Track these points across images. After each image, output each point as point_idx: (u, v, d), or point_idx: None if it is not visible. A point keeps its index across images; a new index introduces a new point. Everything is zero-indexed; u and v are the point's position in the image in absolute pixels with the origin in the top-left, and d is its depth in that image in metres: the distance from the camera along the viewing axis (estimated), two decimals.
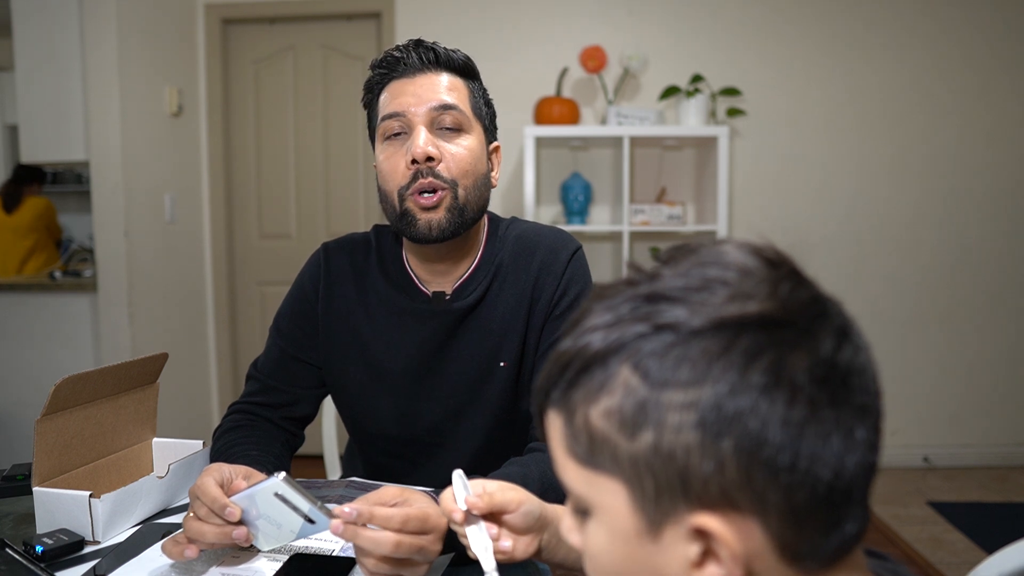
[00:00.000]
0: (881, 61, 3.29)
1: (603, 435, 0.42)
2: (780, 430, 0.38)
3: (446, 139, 1.03)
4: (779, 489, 0.39)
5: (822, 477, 0.39)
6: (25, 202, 4.20)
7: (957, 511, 2.86)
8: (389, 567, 0.74)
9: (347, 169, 3.51)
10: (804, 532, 0.40)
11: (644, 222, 3.13)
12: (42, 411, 0.91)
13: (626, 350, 0.41)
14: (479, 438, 1.12)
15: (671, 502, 0.40)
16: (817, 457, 0.39)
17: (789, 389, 0.38)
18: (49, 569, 0.82)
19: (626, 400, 0.41)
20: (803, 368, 0.39)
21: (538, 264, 1.10)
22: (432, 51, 1.05)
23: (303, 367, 1.15)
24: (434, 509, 0.77)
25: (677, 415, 0.39)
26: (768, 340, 0.39)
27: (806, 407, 0.39)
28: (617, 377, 0.41)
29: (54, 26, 2.86)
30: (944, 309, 3.37)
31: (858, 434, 0.40)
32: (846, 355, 0.41)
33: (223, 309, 3.54)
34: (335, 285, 1.14)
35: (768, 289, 0.41)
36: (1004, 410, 3.38)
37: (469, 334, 1.10)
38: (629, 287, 0.43)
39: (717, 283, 0.41)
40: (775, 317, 0.40)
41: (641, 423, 0.40)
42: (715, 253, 0.43)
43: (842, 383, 0.40)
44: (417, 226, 1.02)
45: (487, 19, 3.34)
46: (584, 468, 0.44)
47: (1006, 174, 3.32)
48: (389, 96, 1.05)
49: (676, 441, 0.39)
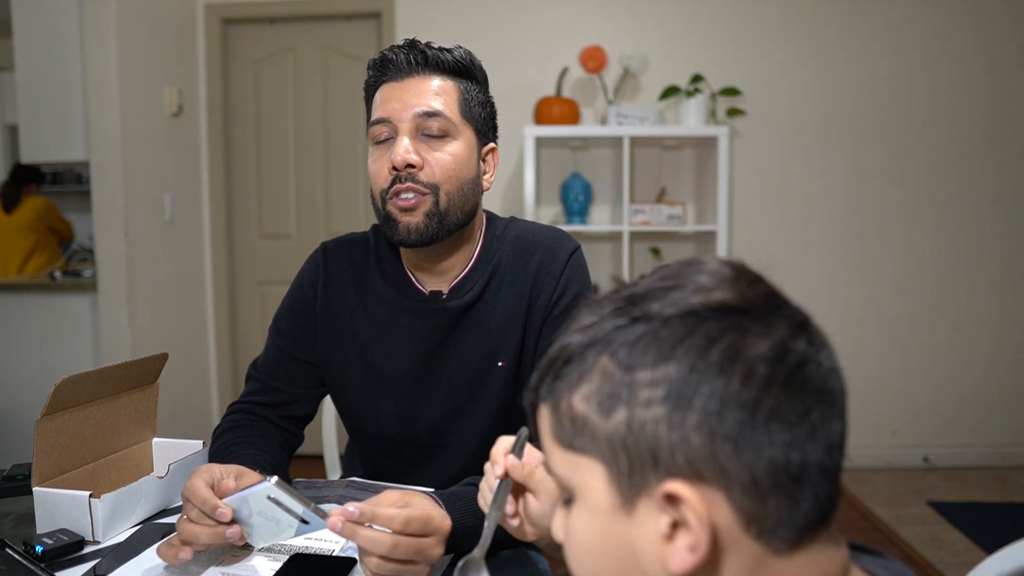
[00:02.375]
0: (881, 61, 3.29)
1: (583, 417, 0.46)
2: (737, 406, 0.41)
3: (431, 145, 1.03)
4: (738, 462, 0.41)
5: (778, 454, 0.42)
6: (24, 202, 4.21)
7: (957, 511, 2.86)
8: (391, 567, 0.74)
9: (347, 169, 3.51)
10: (767, 506, 0.42)
11: (644, 222, 3.13)
12: (42, 411, 0.91)
13: (604, 342, 0.45)
14: (477, 438, 1.12)
15: (642, 475, 0.43)
16: (773, 434, 0.42)
17: (744, 368, 0.42)
18: (49, 569, 0.82)
19: (603, 384, 0.45)
20: (759, 351, 0.42)
21: (536, 264, 1.10)
22: (422, 53, 1.04)
23: (302, 366, 1.15)
24: (437, 512, 0.77)
25: (646, 391, 0.43)
26: (728, 325, 0.43)
27: (761, 386, 0.42)
28: (596, 366, 0.45)
29: (54, 26, 2.86)
30: (944, 308, 3.37)
31: (813, 417, 0.43)
32: (800, 345, 0.44)
33: (223, 309, 3.54)
34: (334, 285, 1.14)
35: (730, 284, 0.45)
36: (1004, 410, 3.38)
37: (467, 333, 1.09)
38: (613, 293, 0.48)
39: (688, 283, 0.46)
40: (734, 305, 0.44)
41: (615, 403, 0.44)
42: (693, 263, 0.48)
43: (798, 367, 0.43)
44: (397, 229, 1.03)
45: (487, 19, 3.34)
46: (568, 452, 0.47)
47: (1006, 173, 3.32)
48: (380, 100, 1.06)
49: (646, 415, 0.43)
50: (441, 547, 0.77)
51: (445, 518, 0.78)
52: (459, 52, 1.07)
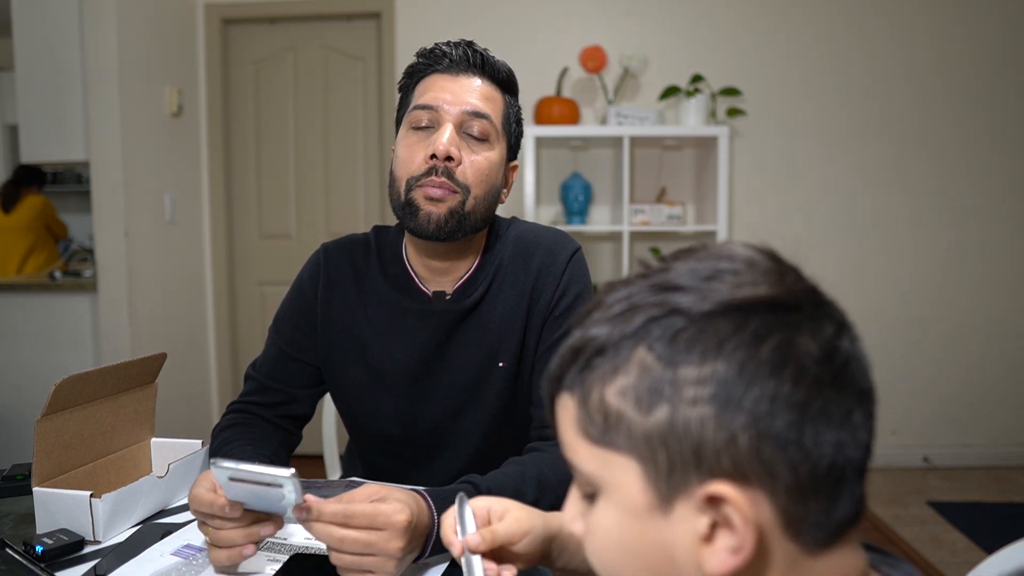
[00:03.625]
0: (881, 61, 3.29)
1: (618, 413, 0.43)
2: (787, 407, 0.40)
3: (470, 146, 1.03)
4: (785, 464, 0.40)
5: (824, 454, 0.41)
6: (23, 201, 4.21)
7: (957, 511, 2.86)
8: (348, 560, 0.75)
9: (347, 169, 3.51)
10: (808, 508, 0.42)
11: (644, 222, 3.13)
12: (42, 411, 0.91)
13: (640, 334, 0.43)
14: (477, 438, 1.12)
15: (683, 475, 0.42)
16: (820, 435, 0.41)
17: (796, 368, 0.41)
18: (49, 569, 0.82)
19: (642, 378, 0.42)
20: (809, 350, 0.41)
21: (537, 265, 1.10)
22: (480, 55, 1.05)
23: (300, 367, 1.15)
24: (389, 507, 0.75)
25: (692, 390, 0.41)
26: (776, 322, 0.41)
27: (811, 386, 0.41)
28: (632, 358, 0.43)
29: (54, 26, 2.86)
30: (944, 309, 3.37)
31: (855, 417, 0.42)
32: (845, 343, 0.43)
33: (223, 309, 3.54)
34: (334, 286, 1.14)
35: (775, 277, 0.43)
36: (1004, 410, 3.38)
37: (468, 334, 1.09)
38: (641, 279, 0.46)
39: (726, 272, 0.43)
40: (783, 301, 0.42)
41: (656, 399, 0.42)
42: (722, 248, 0.46)
43: (843, 367, 0.42)
44: (418, 217, 1.02)
45: (487, 19, 3.34)
46: (597, 447, 0.45)
47: (1007, 173, 3.32)
48: (426, 87, 1.05)
49: (691, 414, 0.41)
50: (399, 541, 0.75)
51: (399, 511, 0.75)
52: (504, 63, 1.08)
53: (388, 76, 3.35)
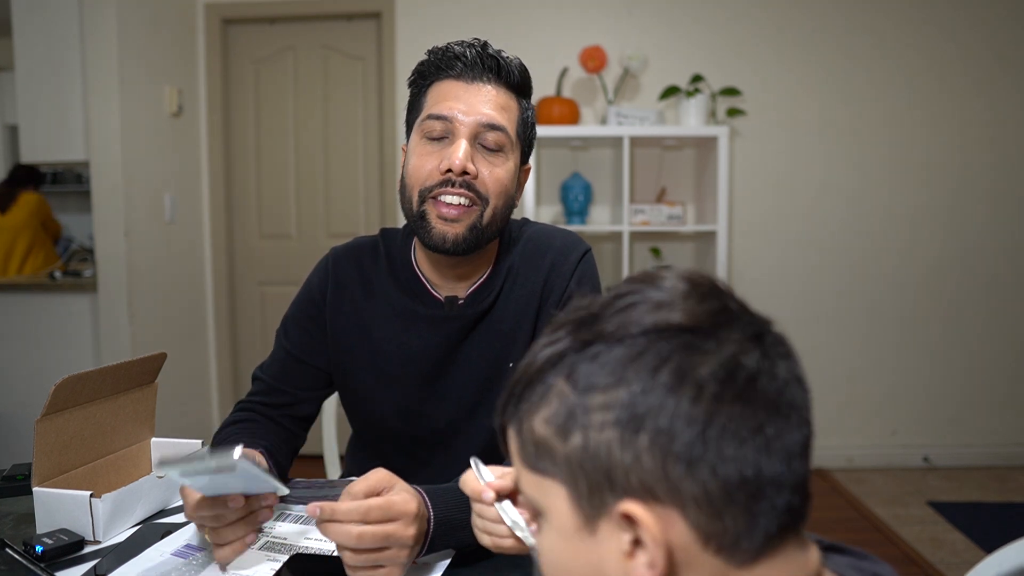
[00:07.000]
0: (880, 61, 3.29)
1: (544, 440, 0.46)
2: (687, 425, 0.42)
3: (486, 158, 1.01)
4: (692, 481, 0.42)
5: (733, 470, 0.42)
6: (18, 201, 4.21)
7: (957, 511, 2.86)
8: (364, 557, 0.75)
9: (347, 169, 3.51)
10: (724, 523, 0.42)
11: (644, 222, 3.13)
12: (42, 411, 0.91)
13: (561, 364, 0.46)
14: (486, 437, 1.12)
15: (601, 496, 0.44)
16: (725, 451, 0.42)
17: (694, 387, 0.42)
18: (49, 569, 0.82)
19: (560, 407, 0.45)
20: (708, 369, 0.42)
21: (548, 266, 1.10)
22: (494, 59, 1.01)
23: (307, 370, 1.15)
24: (399, 497, 0.77)
25: (599, 415, 0.43)
26: (676, 345, 0.43)
27: (711, 404, 0.42)
28: (554, 388, 0.46)
29: (54, 26, 2.86)
30: (944, 309, 3.37)
31: (768, 431, 0.43)
32: (751, 359, 0.44)
33: (223, 309, 3.54)
34: (343, 290, 1.13)
35: (690, 303, 0.45)
36: (1004, 410, 3.38)
37: (480, 337, 1.10)
38: (571, 313, 0.49)
39: (642, 303, 0.45)
40: (681, 324, 0.44)
41: (572, 425, 0.44)
42: (653, 277, 0.48)
43: (748, 383, 0.43)
44: (432, 234, 1.01)
45: (487, 19, 3.34)
46: (533, 473, 0.48)
47: (1006, 173, 3.32)
48: (439, 94, 1.02)
49: (599, 439, 0.43)
50: (412, 528, 0.77)
51: (409, 501, 0.77)
52: (519, 64, 1.05)
53: (388, 76, 3.36)
